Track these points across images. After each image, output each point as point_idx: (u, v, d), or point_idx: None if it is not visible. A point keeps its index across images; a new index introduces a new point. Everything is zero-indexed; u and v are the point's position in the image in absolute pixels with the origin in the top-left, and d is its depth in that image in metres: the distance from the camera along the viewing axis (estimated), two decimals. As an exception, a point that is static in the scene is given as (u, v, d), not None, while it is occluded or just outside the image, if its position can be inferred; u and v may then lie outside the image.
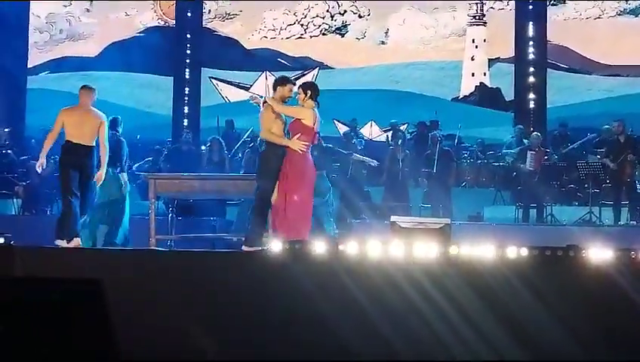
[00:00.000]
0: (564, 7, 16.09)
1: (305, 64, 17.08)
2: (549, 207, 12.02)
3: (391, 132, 14.32)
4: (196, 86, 16.92)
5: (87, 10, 17.62)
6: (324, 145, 12.63)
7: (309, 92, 7.51)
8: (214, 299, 5.55)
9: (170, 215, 9.46)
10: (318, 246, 5.79)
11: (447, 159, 12.34)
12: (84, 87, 8.48)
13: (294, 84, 7.75)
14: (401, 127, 14.58)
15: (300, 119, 7.41)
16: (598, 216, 11.66)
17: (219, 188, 9.20)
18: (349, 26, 16.99)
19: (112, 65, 17.13)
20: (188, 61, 16.87)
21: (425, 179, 12.41)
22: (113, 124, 9.31)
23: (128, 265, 5.97)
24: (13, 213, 12.86)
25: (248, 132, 14.01)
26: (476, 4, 16.40)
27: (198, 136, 15.29)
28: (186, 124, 16.25)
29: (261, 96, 8.01)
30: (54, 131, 8.18)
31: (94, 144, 8.12)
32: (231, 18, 17.35)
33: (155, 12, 17.68)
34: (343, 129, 15.54)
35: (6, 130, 14.58)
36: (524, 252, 5.58)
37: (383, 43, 16.90)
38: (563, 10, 16.09)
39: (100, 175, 8.15)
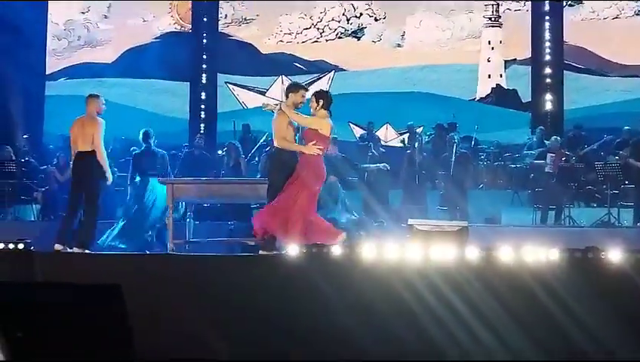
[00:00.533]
0: (581, 8, 16.01)
1: (321, 67, 17.09)
2: (567, 208, 11.96)
3: (408, 134, 14.28)
4: (212, 91, 16.99)
5: (105, 17, 17.73)
6: (341, 155, 12.67)
7: (321, 101, 7.50)
8: (231, 303, 5.56)
9: (187, 219, 9.49)
10: (335, 250, 5.79)
11: (464, 162, 12.30)
12: (89, 95, 8.75)
13: (306, 90, 7.77)
14: (418, 130, 14.55)
15: (316, 129, 7.43)
16: (616, 217, 11.57)
17: (236, 193, 9.22)
18: (365, 29, 16.97)
19: (128, 71, 17.23)
20: (204, 66, 16.95)
21: (442, 181, 12.36)
22: (145, 137, 10.30)
23: (146, 269, 5.99)
24: (33, 218, 12.97)
25: (265, 136, 14.04)
26: (492, 5, 16.35)
27: (215, 140, 15.34)
28: (202, 129, 16.32)
29: (275, 103, 8.03)
30: (72, 146, 8.52)
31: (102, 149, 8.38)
32: (247, 22, 17.39)
33: (172, 17, 17.75)
34: (358, 132, 15.54)
35: (24, 136, 14.69)
36: (543, 254, 5.54)
37: (399, 46, 16.86)
38: (580, 11, 16.01)
39: (108, 177, 8.38)
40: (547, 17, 15.51)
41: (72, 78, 17.62)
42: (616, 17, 15.85)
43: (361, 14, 16.98)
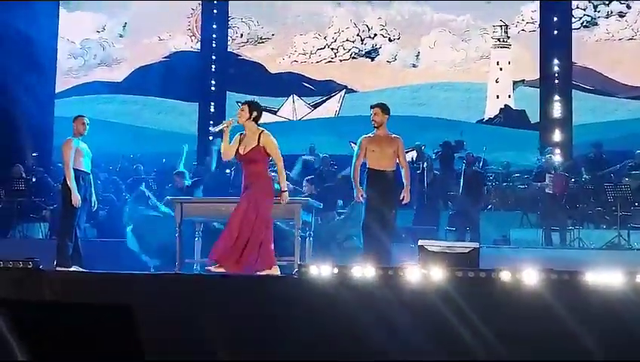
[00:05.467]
0: (596, 29, 15.96)
1: (329, 87, 17.11)
2: (577, 230, 11.91)
3: (416, 154, 14.19)
4: (221, 110, 17.06)
5: (120, 36, 17.80)
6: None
7: (254, 113, 7.51)
8: (244, 323, 5.52)
9: (195, 238, 9.45)
10: (346, 271, 5.75)
11: (477, 181, 12.29)
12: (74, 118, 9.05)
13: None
14: (422, 147, 14.47)
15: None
16: (627, 239, 11.51)
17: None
18: (379, 50, 16.97)
19: (137, 89, 17.28)
20: (213, 85, 17.04)
21: (451, 201, 12.35)
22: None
23: (156, 289, 5.95)
24: (41, 236, 12.97)
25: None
26: (500, 27, 16.37)
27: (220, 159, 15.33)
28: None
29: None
30: None
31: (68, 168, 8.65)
32: (263, 42, 17.43)
33: (189, 30, 17.71)
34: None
35: (34, 154, 14.73)
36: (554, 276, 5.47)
37: (414, 66, 16.85)
38: (595, 32, 15.96)
39: (73, 200, 8.57)
40: (555, 39, 15.57)
41: (82, 96, 17.66)
42: (631, 39, 15.80)
43: (375, 35, 17.00)
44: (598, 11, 15.93)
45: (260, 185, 7.34)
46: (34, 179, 13.70)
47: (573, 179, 12.49)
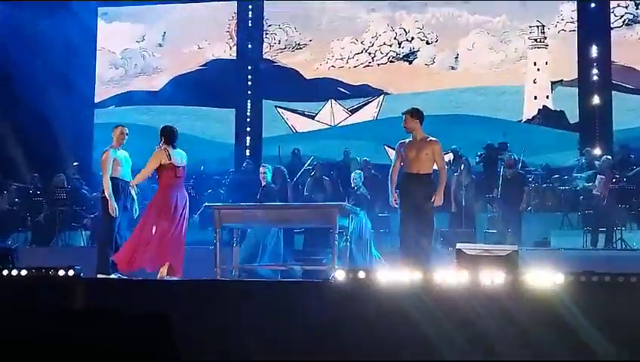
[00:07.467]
0: (637, 27, 15.66)
1: (366, 91, 17.06)
2: (619, 231, 11.73)
3: (453, 157, 14.06)
4: (258, 117, 17.15)
5: (160, 45, 17.93)
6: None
7: (163, 137, 8.57)
8: (282, 328, 5.53)
9: (234, 244, 9.51)
10: (382, 276, 5.74)
11: (519, 182, 12.17)
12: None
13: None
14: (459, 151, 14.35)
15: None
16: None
17: (282, 218, 9.23)
18: (417, 53, 16.86)
19: (175, 97, 17.41)
20: (249, 92, 17.15)
21: (491, 203, 12.24)
22: None
23: (194, 295, 6.00)
24: (82, 244, 13.16)
25: (310, 160, 14.08)
26: (537, 27, 16.19)
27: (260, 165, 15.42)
28: (248, 154, 16.47)
29: None
30: None
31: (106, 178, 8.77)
32: (300, 48, 17.45)
33: (228, 33, 17.77)
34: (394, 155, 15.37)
35: (74, 163, 14.95)
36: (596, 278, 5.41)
37: (452, 68, 16.72)
38: (637, 30, 15.67)
39: (110, 209, 8.71)
40: (594, 38, 15.38)
41: (120, 106, 17.86)
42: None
43: (412, 38, 16.90)
44: (641, 8, 15.67)
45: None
46: (75, 188, 13.89)
47: (614, 180, 12.32)
